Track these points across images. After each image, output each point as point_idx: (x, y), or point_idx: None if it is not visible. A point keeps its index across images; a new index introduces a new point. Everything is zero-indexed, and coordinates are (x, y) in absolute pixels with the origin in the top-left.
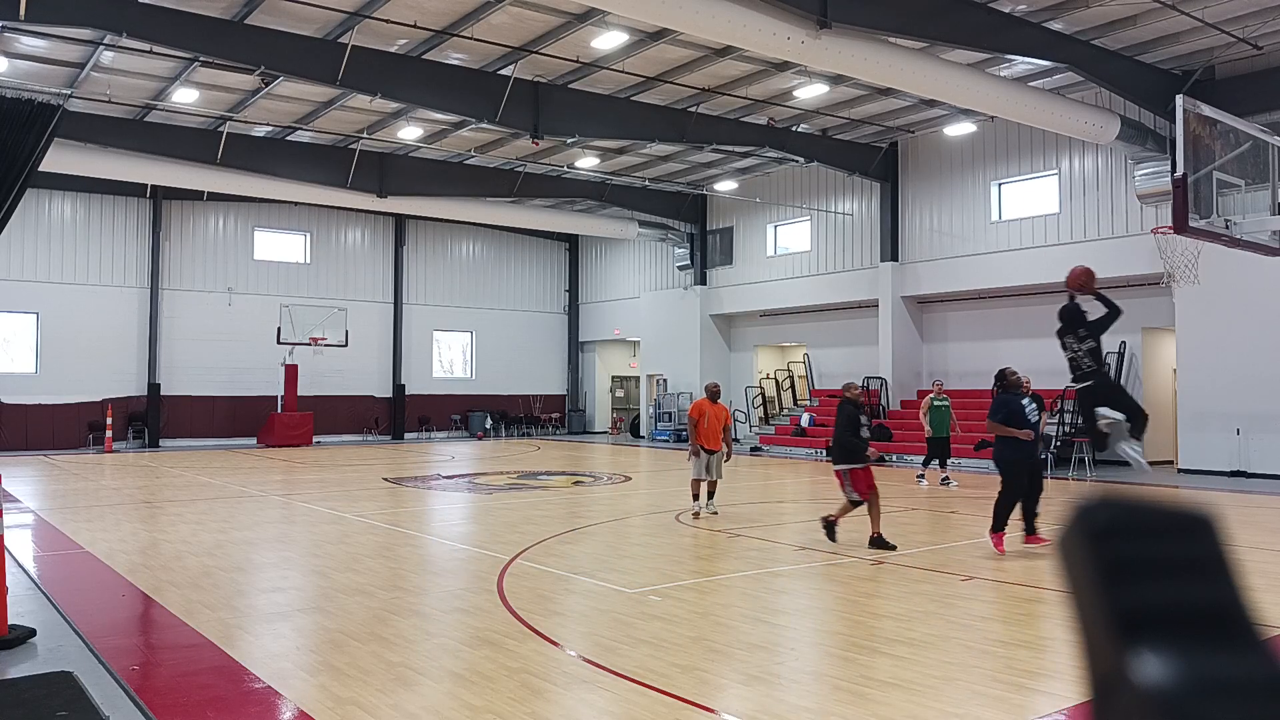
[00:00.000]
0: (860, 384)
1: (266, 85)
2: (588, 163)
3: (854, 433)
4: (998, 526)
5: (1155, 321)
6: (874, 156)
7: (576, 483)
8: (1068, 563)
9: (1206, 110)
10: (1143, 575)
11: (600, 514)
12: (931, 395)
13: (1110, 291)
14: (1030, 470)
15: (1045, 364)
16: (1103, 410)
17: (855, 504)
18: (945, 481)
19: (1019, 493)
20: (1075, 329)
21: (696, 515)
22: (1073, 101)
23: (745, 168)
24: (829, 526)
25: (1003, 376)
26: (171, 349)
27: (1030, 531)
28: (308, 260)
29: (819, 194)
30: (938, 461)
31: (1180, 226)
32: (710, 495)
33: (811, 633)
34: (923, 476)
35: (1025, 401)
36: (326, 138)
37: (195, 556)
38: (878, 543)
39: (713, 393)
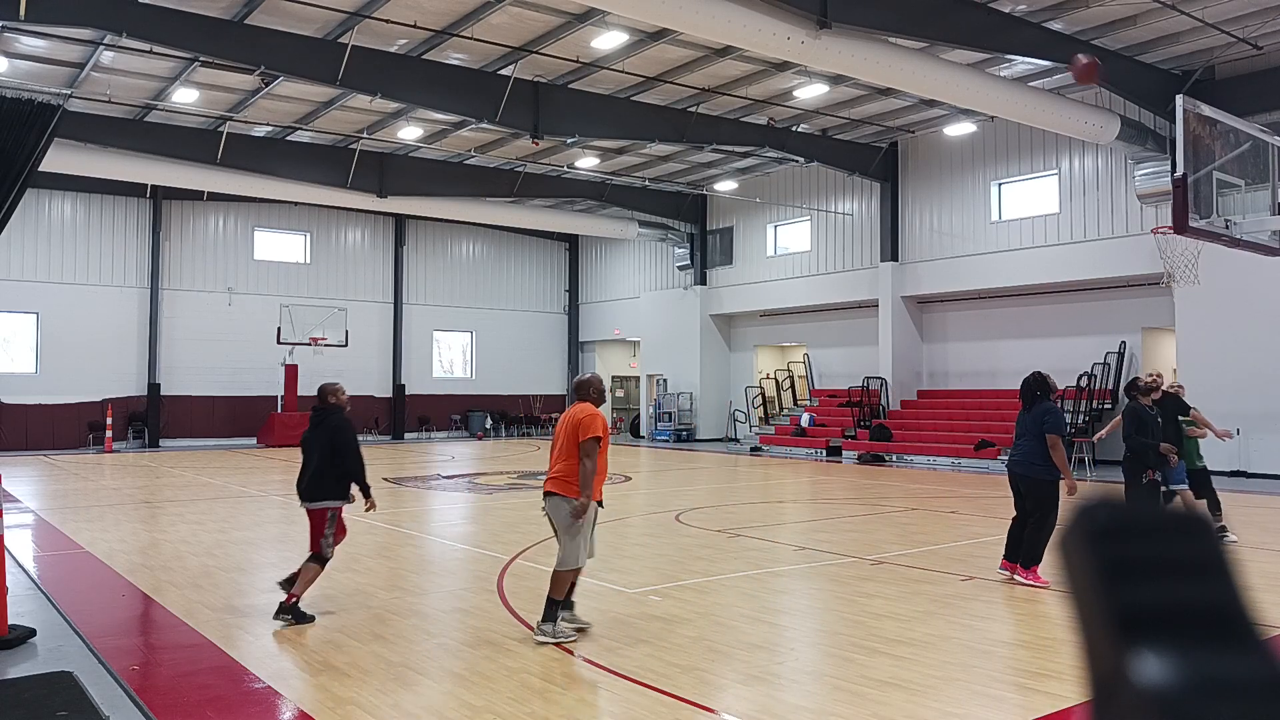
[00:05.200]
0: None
1: (266, 85)
2: (588, 163)
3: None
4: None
5: (1155, 321)
6: (874, 156)
7: None
8: (1067, 563)
9: (1206, 110)
10: (1142, 575)
11: (600, 514)
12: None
13: (1111, 291)
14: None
15: (1044, 364)
16: None
17: None
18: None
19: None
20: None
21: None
22: (1073, 101)
23: (745, 168)
24: None
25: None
26: (171, 349)
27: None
28: (308, 260)
29: (819, 194)
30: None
31: (1180, 226)
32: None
33: (811, 633)
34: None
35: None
36: (326, 138)
37: (195, 556)
38: None
39: (588, 394)
